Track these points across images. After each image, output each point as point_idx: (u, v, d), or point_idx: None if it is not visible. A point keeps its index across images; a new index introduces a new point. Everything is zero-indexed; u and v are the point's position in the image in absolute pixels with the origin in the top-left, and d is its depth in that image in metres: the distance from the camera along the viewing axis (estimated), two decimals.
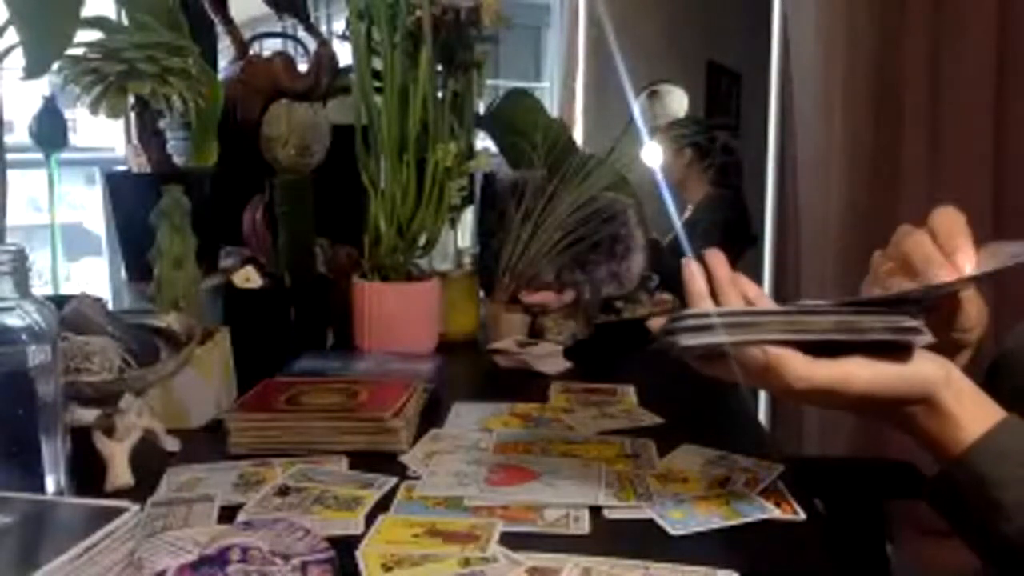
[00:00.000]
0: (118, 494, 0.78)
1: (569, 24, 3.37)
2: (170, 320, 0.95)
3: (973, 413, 0.64)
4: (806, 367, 0.62)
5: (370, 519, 0.73)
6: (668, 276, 1.57)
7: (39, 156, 1.31)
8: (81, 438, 0.79)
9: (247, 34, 1.48)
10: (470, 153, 1.33)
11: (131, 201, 1.27)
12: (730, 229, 2.79)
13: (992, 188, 2.19)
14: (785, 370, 0.62)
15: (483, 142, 1.61)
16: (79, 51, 0.99)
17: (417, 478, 0.82)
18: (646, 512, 0.75)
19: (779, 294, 2.67)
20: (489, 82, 1.45)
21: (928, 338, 0.63)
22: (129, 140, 1.49)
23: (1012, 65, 2.16)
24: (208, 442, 0.92)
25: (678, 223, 2.74)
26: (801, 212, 2.45)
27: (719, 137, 2.96)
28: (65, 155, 1.37)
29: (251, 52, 1.47)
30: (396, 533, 0.70)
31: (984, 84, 2.18)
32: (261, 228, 1.25)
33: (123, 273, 1.32)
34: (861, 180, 2.27)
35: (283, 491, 0.79)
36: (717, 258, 0.71)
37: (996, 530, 0.61)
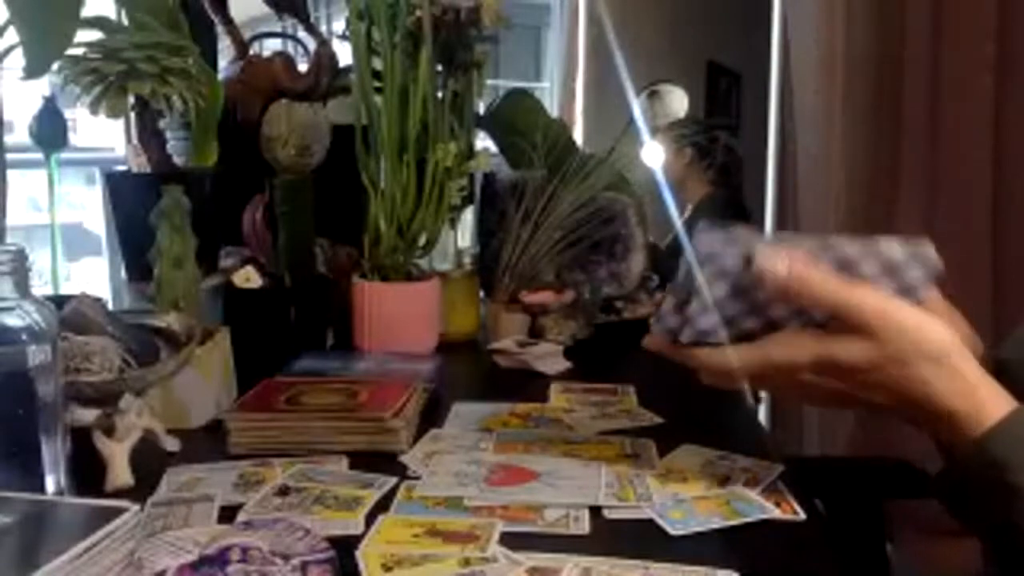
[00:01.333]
0: (118, 494, 0.78)
1: (569, 24, 3.36)
2: (170, 320, 0.95)
3: (988, 386, 0.64)
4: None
5: (370, 519, 0.73)
6: (667, 277, 1.57)
7: (39, 156, 1.31)
8: (81, 438, 0.79)
9: (247, 34, 1.48)
10: (470, 153, 1.33)
11: (131, 201, 1.27)
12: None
13: (992, 188, 2.19)
14: (810, 283, 0.65)
15: (483, 142, 1.60)
16: (79, 51, 0.99)
17: (417, 478, 0.82)
18: (646, 512, 0.75)
19: None
20: (489, 82, 1.45)
21: (939, 263, 0.66)
22: (129, 140, 1.49)
23: (1012, 65, 2.16)
24: (208, 442, 0.92)
25: (678, 223, 2.74)
26: (801, 212, 2.45)
27: (720, 137, 2.95)
28: (65, 155, 1.37)
29: (251, 52, 1.47)
30: (396, 533, 0.70)
31: (984, 84, 2.18)
32: (261, 228, 1.25)
33: (123, 273, 1.32)
34: (861, 180, 2.28)
35: (283, 491, 0.78)
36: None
37: (1009, 514, 0.62)
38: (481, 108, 1.55)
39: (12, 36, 0.93)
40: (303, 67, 1.45)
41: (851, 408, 0.69)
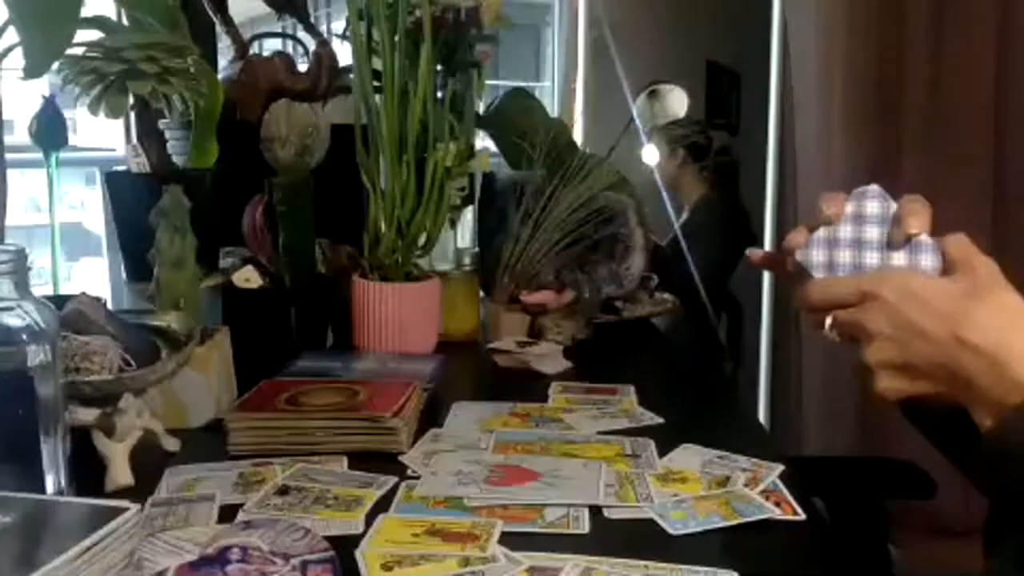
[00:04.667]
0: (118, 494, 0.78)
1: (569, 24, 3.36)
2: (170, 320, 0.95)
3: None
4: None
5: (370, 519, 0.73)
6: (667, 277, 1.57)
7: (39, 156, 1.31)
8: (81, 438, 0.79)
9: (247, 34, 1.48)
10: (470, 153, 1.33)
11: (131, 201, 1.28)
12: (728, 230, 2.79)
13: (992, 189, 2.20)
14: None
15: (483, 142, 1.60)
16: (79, 51, 0.99)
17: (417, 478, 0.82)
18: (646, 512, 0.75)
19: (779, 294, 2.68)
20: (489, 82, 1.45)
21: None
22: (129, 140, 1.49)
23: (1013, 66, 2.16)
24: (208, 442, 0.92)
25: (676, 224, 2.74)
26: (801, 212, 2.45)
27: (715, 138, 2.95)
28: (65, 155, 1.37)
29: (251, 52, 1.47)
30: (396, 533, 0.70)
31: (984, 85, 2.18)
32: (261, 228, 1.25)
33: (123, 273, 1.32)
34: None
35: (283, 491, 0.78)
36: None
37: None
38: (481, 108, 1.55)
39: (12, 36, 0.93)
40: (303, 67, 1.45)
41: (894, 366, 0.64)
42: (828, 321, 0.66)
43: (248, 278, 1.20)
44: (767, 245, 2.68)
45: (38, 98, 1.29)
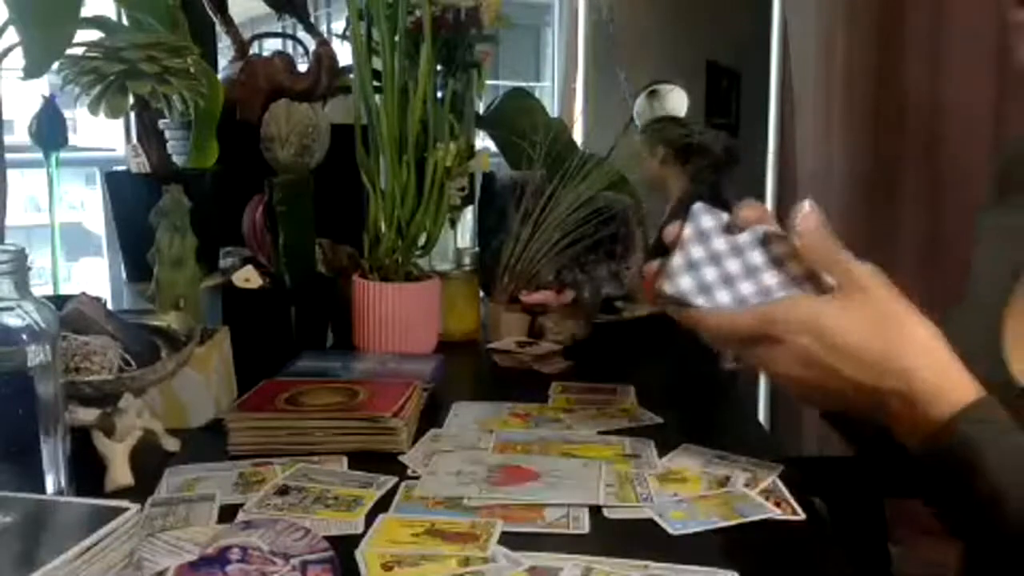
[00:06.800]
0: (118, 494, 0.78)
1: (569, 24, 3.37)
2: (170, 320, 0.95)
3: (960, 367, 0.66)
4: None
5: (370, 519, 0.73)
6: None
7: (39, 156, 1.31)
8: (81, 438, 0.79)
9: (247, 34, 1.48)
10: (470, 153, 1.33)
11: (131, 201, 1.28)
12: None
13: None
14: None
15: (483, 142, 1.60)
16: (79, 51, 0.99)
17: (417, 478, 0.82)
18: (646, 512, 0.75)
19: None
20: (489, 82, 1.45)
21: None
22: (129, 140, 1.50)
23: (1013, 65, 2.16)
24: (208, 442, 0.92)
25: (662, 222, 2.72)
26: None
27: (694, 133, 2.93)
28: (65, 155, 1.37)
29: (251, 52, 1.47)
30: (396, 533, 0.70)
31: (985, 84, 2.18)
32: (261, 228, 1.25)
33: (123, 273, 1.32)
34: (860, 181, 2.28)
35: (283, 491, 0.78)
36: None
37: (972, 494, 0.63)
38: (481, 108, 1.55)
39: (12, 36, 0.93)
40: (303, 67, 1.45)
41: (810, 393, 0.70)
42: (730, 355, 0.71)
43: (248, 278, 1.20)
44: None
45: (38, 98, 1.29)
